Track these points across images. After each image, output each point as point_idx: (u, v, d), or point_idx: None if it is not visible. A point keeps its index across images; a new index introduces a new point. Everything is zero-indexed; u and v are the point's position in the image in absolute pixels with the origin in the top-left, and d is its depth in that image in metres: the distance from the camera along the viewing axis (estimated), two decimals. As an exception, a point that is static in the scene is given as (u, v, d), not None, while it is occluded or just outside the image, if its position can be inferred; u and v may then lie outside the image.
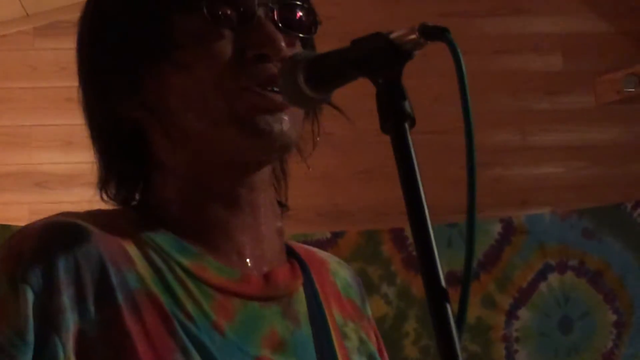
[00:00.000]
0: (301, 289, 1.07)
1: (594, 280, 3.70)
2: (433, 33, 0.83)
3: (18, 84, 3.55)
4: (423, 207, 0.79)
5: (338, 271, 1.17)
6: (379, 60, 0.85)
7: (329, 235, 3.57)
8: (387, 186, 3.38)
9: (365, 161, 3.59)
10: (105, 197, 1.06)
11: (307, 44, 1.05)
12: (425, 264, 0.78)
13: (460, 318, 0.78)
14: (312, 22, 1.05)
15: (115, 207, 1.06)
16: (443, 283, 0.77)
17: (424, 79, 2.86)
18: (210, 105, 0.98)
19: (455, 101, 0.81)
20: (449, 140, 3.40)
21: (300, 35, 1.03)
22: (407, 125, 0.82)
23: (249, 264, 1.03)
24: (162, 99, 1.01)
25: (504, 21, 3.85)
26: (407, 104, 0.83)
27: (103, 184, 1.06)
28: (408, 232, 3.52)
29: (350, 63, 0.88)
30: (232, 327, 0.98)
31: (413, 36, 0.83)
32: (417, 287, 3.54)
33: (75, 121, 1.10)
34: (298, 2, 1.03)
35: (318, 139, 1.10)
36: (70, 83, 1.11)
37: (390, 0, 3.75)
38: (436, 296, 0.76)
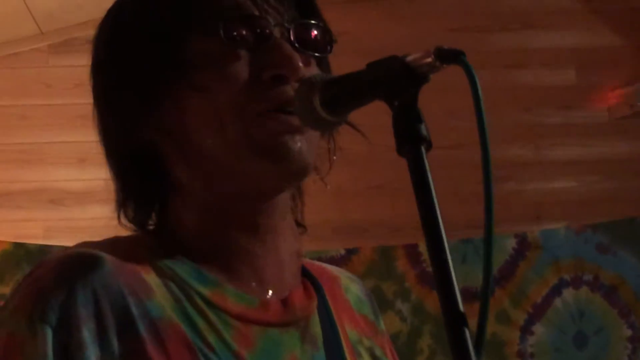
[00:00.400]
0: (317, 311, 1.06)
1: (609, 295, 3.68)
2: (449, 56, 0.82)
3: (33, 101, 3.56)
4: (441, 232, 0.78)
5: (349, 287, 1.16)
6: (394, 83, 0.85)
7: (343, 252, 3.56)
8: (401, 201, 3.38)
9: (379, 176, 3.59)
10: (123, 219, 1.05)
11: (322, 62, 1.05)
12: (443, 290, 0.77)
13: (479, 346, 0.77)
14: (327, 41, 1.04)
15: (132, 233, 1.05)
16: (461, 307, 0.76)
17: (438, 94, 2.85)
18: (227, 129, 0.97)
19: (469, 116, 0.81)
20: (463, 155, 3.39)
21: (316, 54, 1.03)
22: (423, 149, 0.82)
23: (270, 291, 1.02)
24: (179, 121, 1.00)
25: (516, 36, 3.84)
26: (423, 127, 0.82)
27: (120, 206, 1.05)
28: (422, 247, 3.51)
29: (366, 86, 0.88)
30: (253, 356, 0.97)
31: (429, 59, 0.83)
32: (432, 303, 3.53)
33: (89, 138, 1.09)
34: (313, 22, 1.03)
35: (335, 157, 1.10)
36: (84, 100, 1.10)
37: (403, 16, 3.75)
38: (454, 320, 0.76)
